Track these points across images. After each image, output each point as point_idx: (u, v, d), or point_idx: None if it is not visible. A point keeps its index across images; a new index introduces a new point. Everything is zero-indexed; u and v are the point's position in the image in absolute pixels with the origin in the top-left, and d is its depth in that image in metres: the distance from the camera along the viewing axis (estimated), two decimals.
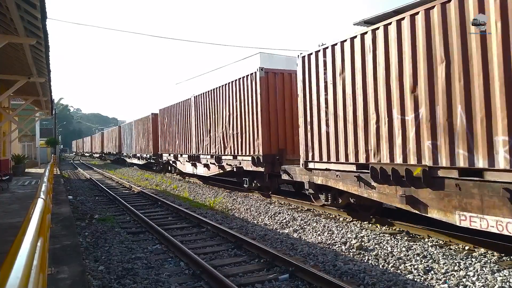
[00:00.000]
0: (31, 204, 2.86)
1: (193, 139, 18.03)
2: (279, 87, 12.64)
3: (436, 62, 6.28)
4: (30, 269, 1.47)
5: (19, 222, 4.65)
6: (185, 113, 19.50)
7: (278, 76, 12.68)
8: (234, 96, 14.01)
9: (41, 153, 41.05)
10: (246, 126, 13.10)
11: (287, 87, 12.75)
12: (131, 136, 33.47)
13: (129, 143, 34.45)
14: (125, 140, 36.91)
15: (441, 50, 6.17)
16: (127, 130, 35.98)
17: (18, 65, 11.35)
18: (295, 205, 11.26)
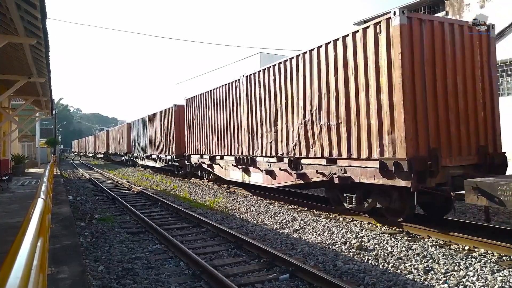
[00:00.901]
0: (31, 204, 2.86)
1: (244, 135, 13.01)
2: (428, 44, 7.30)
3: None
4: (30, 269, 1.47)
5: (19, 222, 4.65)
6: (229, 101, 14.14)
7: (425, 25, 7.27)
8: (336, 61, 8.58)
9: (41, 153, 41.06)
10: (363, 110, 7.83)
11: (442, 46, 7.51)
12: (144, 134, 28.09)
13: (142, 142, 29.16)
14: (135, 139, 31.46)
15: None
16: (138, 127, 30.30)
17: (18, 65, 11.35)
18: (295, 205, 11.25)
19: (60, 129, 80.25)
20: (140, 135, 29.60)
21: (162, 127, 23.44)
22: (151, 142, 25.96)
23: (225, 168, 14.61)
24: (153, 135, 25.42)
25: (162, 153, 23.47)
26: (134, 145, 32.09)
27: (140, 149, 29.60)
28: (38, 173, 22.26)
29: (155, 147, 25.03)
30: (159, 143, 24.07)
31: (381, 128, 7.40)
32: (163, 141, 23.11)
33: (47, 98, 16.44)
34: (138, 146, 30.40)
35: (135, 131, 31.70)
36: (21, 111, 19.26)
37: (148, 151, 26.84)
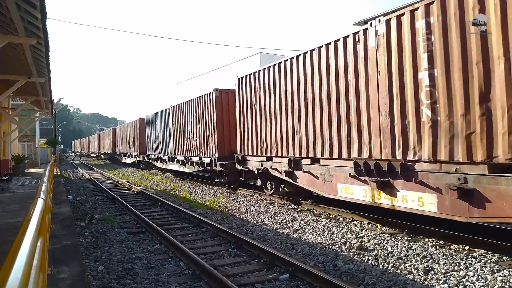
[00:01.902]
0: (31, 204, 2.86)
1: (381, 119, 7.28)
2: None
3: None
4: (30, 269, 1.47)
5: (19, 222, 4.65)
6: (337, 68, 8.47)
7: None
8: None
9: (41, 153, 41.04)
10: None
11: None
12: (166, 131, 22.37)
13: (162, 141, 23.25)
14: (152, 137, 25.72)
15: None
16: (156, 122, 24.47)
17: (18, 65, 11.34)
18: (294, 205, 11.25)
19: (60, 129, 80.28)
20: (159, 132, 23.75)
21: (194, 120, 17.66)
22: (177, 140, 20.28)
23: (326, 179, 8.89)
24: (180, 131, 19.64)
25: (193, 154, 17.70)
26: (150, 144, 26.39)
27: (160, 149, 23.64)
28: (38, 173, 22.26)
29: (182, 147, 19.35)
30: (190, 141, 18.34)
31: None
32: (197, 139, 17.35)
33: (47, 98, 16.44)
34: (156, 145, 24.60)
35: (151, 127, 25.88)
36: (21, 111, 19.27)
37: (172, 152, 20.96)
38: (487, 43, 5.58)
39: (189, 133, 18.47)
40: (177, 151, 20.30)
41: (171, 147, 21.31)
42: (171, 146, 21.42)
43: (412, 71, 6.68)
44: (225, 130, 15.26)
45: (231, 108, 14.72)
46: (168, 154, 21.87)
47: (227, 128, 15.29)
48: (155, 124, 24.87)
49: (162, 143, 23.15)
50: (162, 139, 23.15)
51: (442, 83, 6.19)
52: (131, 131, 32.81)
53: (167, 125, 22.06)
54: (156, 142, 24.52)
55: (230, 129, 15.03)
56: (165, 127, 22.61)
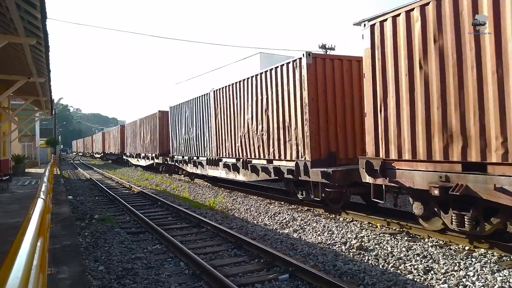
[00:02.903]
0: (31, 204, 2.86)
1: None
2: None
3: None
4: (30, 269, 1.47)
5: (19, 222, 4.65)
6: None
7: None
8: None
9: (41, 153, 41.02)
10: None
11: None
12: (201, 125, 16.76)
13: (193, 138, 17.75)
14: (178, 134, 20.01)
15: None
16: (185, 114, 18.78)
17: (18, 65, 11.34)
18: (295, 205, 11.25)
19: (60, 129, 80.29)
20: (192, 127, 17.98)
21: (261, 105, 11.85)
22: (223, 136, 14.70)
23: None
24: (229, 123, 14.09)
25: (255, 155, 12.33)
26: (176, 143, 20.34)
27: (192, 149, 18.09)
28: (38, 173, 22.26)
29: (233, 145, 13.84)
30: (248, 137, 12.74)
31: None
32: (264, 134, 11.74)
33: (47, 98, 16.43)
34: (186, 144, 18.81)
35: (178, 121, 19.77)
36: (21, 111, 19.26)
37: (214, 152, 15.52)
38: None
39: (248, 125, 12.58)
40: (222, 151, 14.72)
41: (212, 145, 15.66)
42: (211, 144, 15.74)
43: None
44: (321, 120, 9.72)
45: (337, 84, 9.87)
46: (207, 155, 16.17)
47: (324, 117, 9.74)
48: (184, 116, 18.99)
49: (196, 141, 17.41)
50: (196, 136, 17.34)
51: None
52: (147, 127, 26.54)
53: (205, 116, 16.29)
54: (187, 139, 18.59)
55: (330, 117, 9.79)
56: (201, 119, 16.77)
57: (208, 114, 16.07)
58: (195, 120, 17.57)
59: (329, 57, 10.20)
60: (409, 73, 6.76)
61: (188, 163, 18.39)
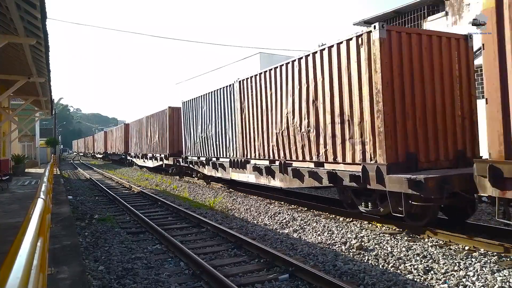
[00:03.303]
0: (31, 204, 2.86)
1: None
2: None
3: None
4: (30, 269, 1.47)
5: (19, 222, 4.65)
6: None
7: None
8: None
9: (41, 153, 41.03)
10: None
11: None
12: (222, 121, 14.62)
13: (213, 136, 15.46)
14: (192, 132, 17.67)
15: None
16: (203, 109, 16.35)
17: (18, 65, 11.35)
18: (294, 205, 11.25)
19: (60, 129, 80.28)
20: (210, 124, 15.62)
21: (306, 93, 9.82)
22: (249, 133, 12.65)
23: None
24: (258, 117, 12.13)
25: (300, 155, 10.13)
26: (190, 142, 17.99)
27: (210, 149, 15.73)
28: (38, 173, 22.26)
29: (266, 144, 11.74)
30: (287, 134, 10.63)
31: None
32: (310, 129, 9.73)
33: (47, 98, 16.44)
34: (203, 143, 16.41)
35: (194, 117, 17.44)
36: (21, 111, 19.27)
37: (238, 152, 13.42)
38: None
39: (287, 120, 10.39)
40: (250, 152, 12.53)
41: (237, 145, 13.43)
42: (235, 143, 13.55)
43: None
44: (397, 112, 7.59)
45: (415, 66, 7.83)
46: (230, 156, 13.91)
47: (401, 107, 7.65)
48: (200, 112, 16.59)
49: (216, 140, 15.13)
50: (216, 134, 15.10)
51: None
52: (155, 125, 24.42)
53: (228, 111, 14.05)
54: (204, 138, 16.20)
55: (408, 109, 7.71)
56: (222, 115, 14.56)
57: (231, 109, 13.72)
58: (214, 116, 15.20)
59: (406, 31, 7.93)
60: None
61: (206, 165, 15.89)
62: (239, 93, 13.04)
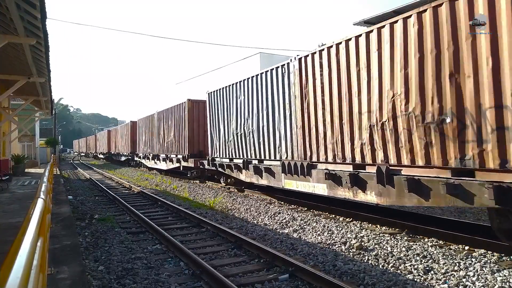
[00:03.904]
0: (31, 204, 2.86)
1: None
2: None
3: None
4: (30, 269, 1.47)
5: (19, 222, 4.65)
6: None
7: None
8: None
9: (41, 153, 41.00)
10: None
11: None
12: (269, 113, 11.43)
13: (251, 134, 12.51)
14: (222, 129, 14.54)
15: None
16: (241, 100, 13.12)
17: (18, 65, 11.34)
18: (295, 205, 11.25)
19: (60, 129, 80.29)
20: (250, 117, 12.52)
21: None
22: (317, 124, 9.46)
23: None
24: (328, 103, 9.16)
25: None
26: (219, 141, 14.82)
27: (249, 149, 12.64)
28: (38, 173, 22.26)
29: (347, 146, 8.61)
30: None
31: None
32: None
33: (47, 98, 16.43)
34: (237, 142, 13.40)
35: (225, 109, 14.21)
36: (21, 111, 19.26)
37: (298, 153, 10.17)
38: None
39: (395, 105, 7.19)
40: (316, 152, 9.34)
41: (295, 143, 10.19)
42: (292, 141, 10.32)
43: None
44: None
45: None
46: (281, 158, 10.71)
47: None
48: (234, 103, 13.46)
49: (258, 137, 11.96)
50: (259, 130, 11.91)
51: None
52: (170, 121, 21.18)
53: (277, 99, 10.96)
54: (240, 136, 13.10)
55: None
56: (268, 105, 11.40)
57: (284, 96, 10.53)
58: (257, 107, 11.99)
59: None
60: None
61: (243, 168, 12.77)
62: (299, 74, 9.80)
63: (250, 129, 12.48)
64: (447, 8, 6.10)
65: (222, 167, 14.52)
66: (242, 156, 13.12)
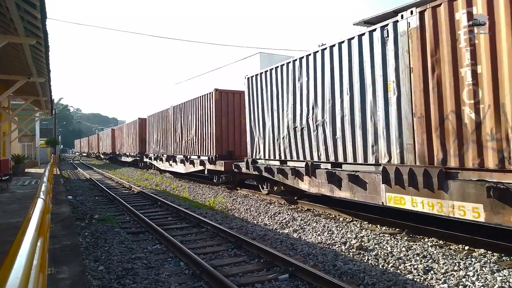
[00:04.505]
0: (31, 204, 2.86)
1: None
2: None
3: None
4: (30, 269, 1.47)
5: (19, 222, 4.65)
6: None
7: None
8: None
9: (41, 153, 41.00)
10: None
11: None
12: (370, 90, 7.69)
13: (328, 124, 8.96)
14: (275, 121, 11.18)
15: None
16: (312, 76, 9.47)
17: (18, 65, 11.35)
18: (294, 205, 11.25)
19: (60, 129, 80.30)
20: (336, 95, 8.69)
21: None
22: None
23: None
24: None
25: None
26: (264, 140, 11.88)
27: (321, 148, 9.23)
28: (38, 173, 22.26)
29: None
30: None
31: None
32: None
33: (47, 98, 16.43)
34: (314, 137, 9.58)
35: (288, 88, 10.57)
36: (21, 111, 19.26)
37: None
38: None
39: None
40: (459, 152, 6.03)
41: (403, 137, 6.97)
42: (400, 134, 7.04)
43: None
44: None
45: None
46: (379, 160, 7.56)
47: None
48: (290, 88, 10.44)
49: (334, 130, 8.84)
50: (333, 120, 8.89)
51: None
52: (191, 117, 18.11)
53: (369, 76, 7.80)
54: (300, 130, 10.07)
55: None
56: (355, 83, 8.17)
57: (384, 72, 7.38)
58: (329, 91, 8.93)
59: None
60: None
61: (304, 174, 9.63)
62: (419, 36, 6.61)
63: (319, 121, 9.28)
64: None
65: (270, 171, 11.15)
66: (301, 157, 10.01)
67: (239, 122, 15.49)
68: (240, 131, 15.29)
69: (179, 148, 20.04)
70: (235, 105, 15.54)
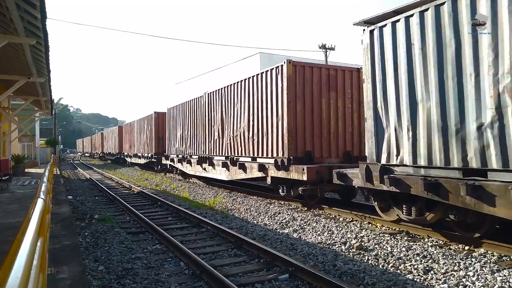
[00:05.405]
0: (31, 204, 2.86)
1: None
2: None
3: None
4: (30, 269, 1.47)
5: (19, 222, 4.65)
6: None
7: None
8: None
9: (41, 153, 41.00)
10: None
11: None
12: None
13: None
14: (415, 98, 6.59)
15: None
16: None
17: (18, 65, 11.34)
18: (294, 205, 11.25)
19: (60, 129, 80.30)
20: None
21: None
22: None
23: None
24: None
25: None
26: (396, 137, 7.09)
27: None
28: (38, 173, 22.26)
29: None
30: None
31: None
32: None
33: (47, 98, 16.43)
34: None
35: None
36: (21, 111, 19.26)
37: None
38: None
39: None
40: None
41: None
42: None
43: None
44: None
45: None
46: None
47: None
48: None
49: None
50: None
51: None
52: (239, 104, 13.28)
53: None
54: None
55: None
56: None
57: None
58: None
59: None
60: None
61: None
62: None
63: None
64: None
65: (435, 189, 6.22)
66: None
67: (319, 110, 11.01)
68: (321, 123, 11.04)
69: (218, 147, 15.27)
70: (314, 85, 10.95)
